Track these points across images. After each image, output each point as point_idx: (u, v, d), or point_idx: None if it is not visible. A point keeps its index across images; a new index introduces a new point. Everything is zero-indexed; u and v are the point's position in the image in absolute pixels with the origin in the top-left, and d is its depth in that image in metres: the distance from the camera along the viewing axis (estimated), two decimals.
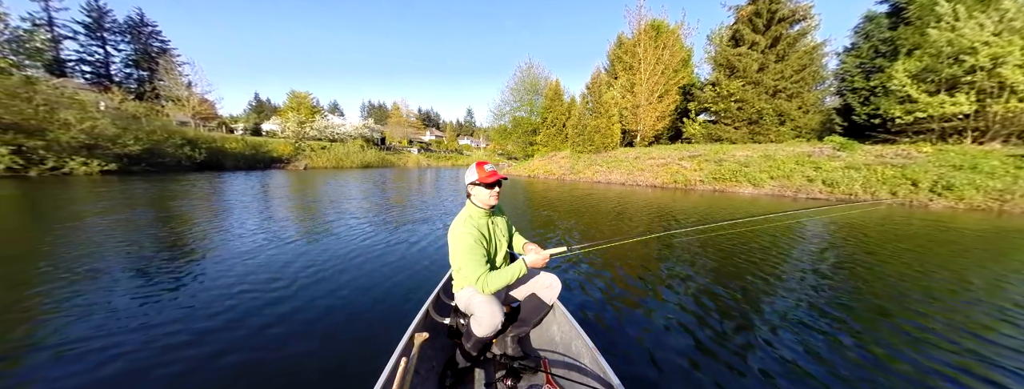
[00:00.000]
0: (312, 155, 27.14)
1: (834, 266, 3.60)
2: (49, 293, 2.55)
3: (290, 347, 1.86)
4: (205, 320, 2.14)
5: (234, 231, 4.65)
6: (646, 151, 17.11)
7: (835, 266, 3.60)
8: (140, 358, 1.76)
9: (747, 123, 17.25)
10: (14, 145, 12.04)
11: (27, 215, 5.76)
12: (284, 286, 2.73)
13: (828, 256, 3.99)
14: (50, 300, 2.42)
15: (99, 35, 32.17)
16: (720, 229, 4.86)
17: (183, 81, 30.00)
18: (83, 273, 2.93)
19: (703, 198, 9.87)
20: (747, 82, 16.68)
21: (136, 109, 19.54)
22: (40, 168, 12.56)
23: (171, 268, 3.15)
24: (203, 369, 1.66)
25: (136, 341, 1.91)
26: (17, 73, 13.76)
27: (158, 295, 2.56)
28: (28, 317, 2.17)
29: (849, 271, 3.40)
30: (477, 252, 1.36)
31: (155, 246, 3.86)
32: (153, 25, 34.55)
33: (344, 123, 39.00)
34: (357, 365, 1.69)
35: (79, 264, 3.16)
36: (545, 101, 25.73)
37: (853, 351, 1.92)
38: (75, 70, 31.11)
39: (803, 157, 11.87)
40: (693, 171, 13.34)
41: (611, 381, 1.14)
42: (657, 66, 19.37)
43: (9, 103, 12.49)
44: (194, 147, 19.09)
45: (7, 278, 2.85)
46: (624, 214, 6.95)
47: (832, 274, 3.33)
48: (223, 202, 7.52)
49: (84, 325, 2.07)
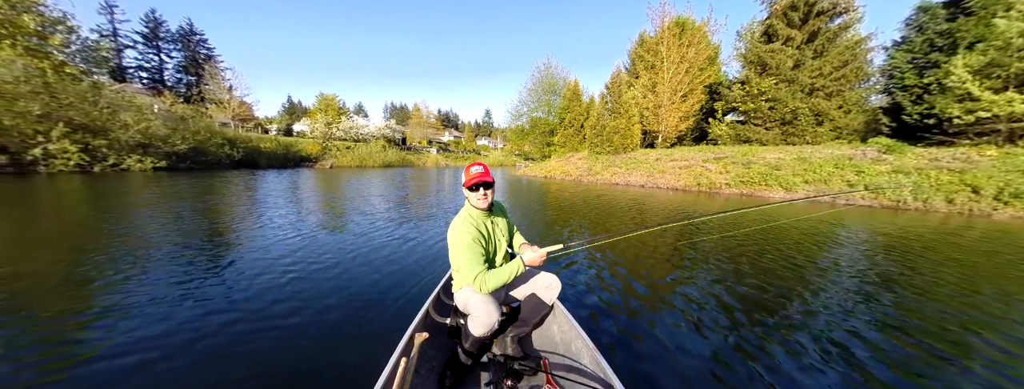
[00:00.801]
0: (338, 154, 28.39)
1: (850, 269, 3.33)
2: (114, 268, 2.96)
3: (289, 346, 1.85)
4: (208, 319, 2.14)
5: (250, 228, 4.91)
6: (668, 153, 16.52)
7: (851, 269, 3.33)
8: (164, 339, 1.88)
9: (780, 123, 16.24)
10: (82, 143, 13.46)
11: (95, 205, 6.43)
12: (288, 284, 2.79)
13: (845, 258, 3.70)
14: (113, 276, 2.77)
15: (155, 44, 35.39)
16: (701, 223, 4.74)
17: (225, 85, 32.37)
18: (141, 255, 3.31)
19: (729, 202, 9.38)
20: (780, 80, 15.71)
21: (184, 111, 21.31)
22: (103, 164, 13.93)
23: (199, 256, 3.38)
24: (201, 369, 1.65)
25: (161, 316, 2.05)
26: (86, 79, 15.40)
27: (186, 281, 2.74)
28: (93, 285, 2.49)
29: (892, 282, 3.08)
30: (474, 251, 1.36)
31: (194, 234, 4.18)
32: (201, 33, 37.57)
33: (368, 124, 40.54)
34: (357, 365, 1.68)
35: (137, 246, 3.61)
36: (563, 101, 25.50)
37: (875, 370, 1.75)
38: (134, 76, 34.36)
39: (843, 160, 11.00)
40: (718, 174, 12.72)
41: (611, 381, 1.14)
42: (681, 64, 18.68)
43: (79, 106, 13.98)
44: (233, 146, 20.51)
45: (84, 255, 3.30)
46: (642, 217, 6.73)
47: (847, 279, 3.06)
48: (255, 198, 8.01)
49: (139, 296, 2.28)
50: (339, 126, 33.31)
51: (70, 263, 3.15)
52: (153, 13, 34.93)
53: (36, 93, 12.85)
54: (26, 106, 12.34)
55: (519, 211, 7.26)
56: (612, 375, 1.16)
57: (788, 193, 10.56)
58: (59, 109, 13.30)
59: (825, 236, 5.07)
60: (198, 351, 1.80)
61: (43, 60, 14.00)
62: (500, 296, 1.60)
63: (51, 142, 12.65)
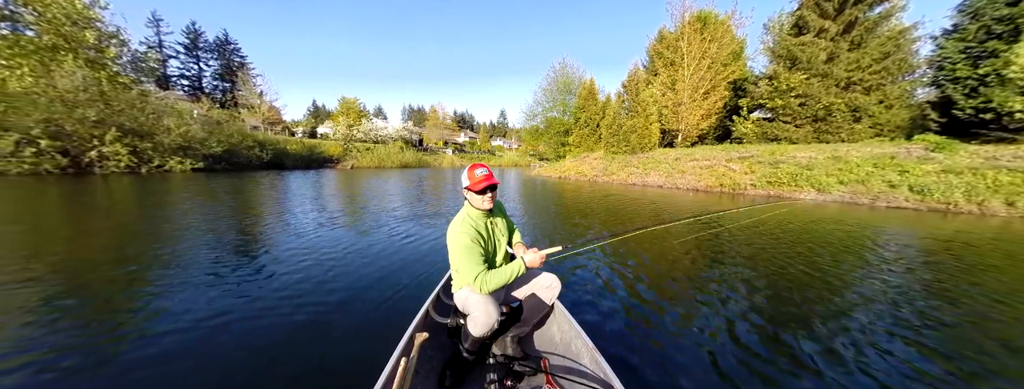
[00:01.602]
0: (358, 156, 29.41)
1: (886, 278, 3.03)
2: (156, 258, 3.26)
3: (289, 345, 1.86)
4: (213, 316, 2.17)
5: (273, 227, 5.17)
6: (688, 152, 15.94)
7: (887, 278, 3.02)
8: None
9: (811, 120, 15.28)
10: (131, 146, 14.68)
11: (143, 202, 7.05)
12: (295, 282, 2.85)
13: (880, 266, 3.38)
14: (154, 266, 3.07)
15: (195, 54, 38.05)
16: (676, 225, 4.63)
17: (256, 90, 34.31)
18: (178, 248, 3.63)
19: (754, 204, 8.92)
20: (812, 75, 14.79)
21: (219, 116, 22.74)
22: (148, 166, 15.12)
23: (227, 251, 3.58)
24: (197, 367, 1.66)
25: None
26: (135, 88, 16.80)
27: (215, 274, 2.90)
28: (148, 269, 2.81)
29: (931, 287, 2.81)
30: (474, 252, 1.36)
31: (225, 230, 4.46)
32: (234, 43, 40.03)
33: (387, 126, 41.76)
34: (357, 365, 1.68)
35: (176, 240, 4.00)
36: (578, 101, 25.17)
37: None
38: (177, 83, 37.10)
39: (884, 159, 10.20)
40: (743, 174, 12.14)
41: (611, 381, 1.14)
42: (703, 60, 17.99)
43: (129, 112, 15.26)
44: (263, 148, 21.68)
45: (132, 247, 3.63)
46: (660, 219, 6.52)
47: (878, 288, 2.79)
48: (281, 198, 8.43)
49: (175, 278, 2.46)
50: (360, 128, 34.52)
51: (118, 252, 3.45)
52: (194, 25, 37.60)
53: (93, 101, 14.14)
54: (84, 113, 13.61)
55: (532, 211, 7.22)
56: (612, 375, 1.16)
57: (821, 194, 9.91)
58: (112, 115, 14.56)
59: (860, 241, 4.72)
60: (202, 346, 1.83)
61: (99, 71, 15.40)
62: (500, 296, 1.59)
63: (105, 145, 13.87)
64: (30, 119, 12.27)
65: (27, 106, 12.42)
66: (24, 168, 11.84)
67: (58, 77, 13.41)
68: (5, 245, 3.64)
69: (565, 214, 6.94)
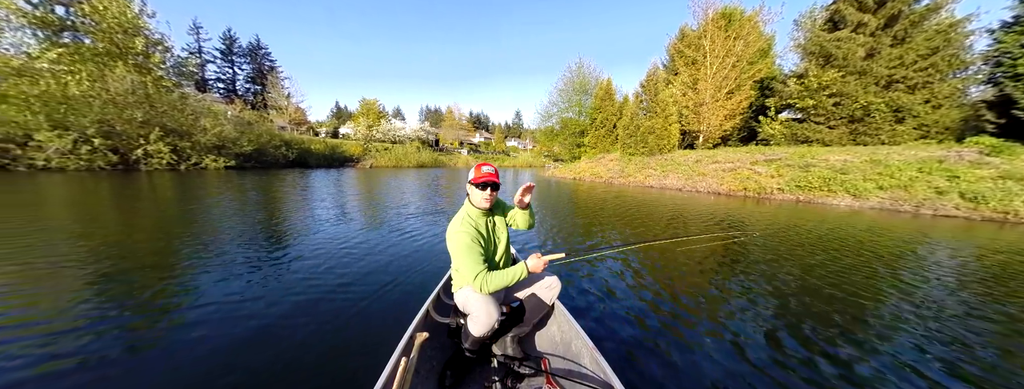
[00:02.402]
0: (377, 155, 30.24)
1: (928, 295, 2.72)
2: (193, 248, 3.52)
3: (290, 344, 1.85)
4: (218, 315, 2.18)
5: (298, 222, 5.37)
6: (710, 154, 15.33)
7: (929, 294, 2.71)
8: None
9: (847, 121, 14.34)
10: (172, 145, 15.77)
11: (183, 195, 7.56)
12: (313, 272, 2.94)
13: (922, 281, 3.05)
14: (193, 254, 3.29)
15: (230, 58, 40.43)
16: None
17: (284, 93, 36.05)
18: (211, 239, 3.87)
19: (781, 209, 8.43)
20: (848, 72, 13.88)
21: (250, 117, 24.03)
22: (186, 163, 16.17)
23: (256, 244, 3.73)
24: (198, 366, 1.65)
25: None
26: (177, 90, 18.05)
27: (245, 264, 3.03)
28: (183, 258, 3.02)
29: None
30: (474, 251, 1.36)
31: (254, 224, 4.70)
32: (265, 47, 42.23)
33: (404, 126, 42.80)
34: (357, 365, 1.66)
35: (212, 229, 4.34)
36: (595, 101, 24.77)
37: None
38: (213, 87, 39.57)
39: (931, 163, 9.40)
40: (769, 177, 11.53)
41: (611, 381, 1.13)
42: (727, 59, 17.27)
43: (170, 113, 16.40)
44: (289, 148, 22.70)
45: (174, 236, 3.94)
46: (678, 221, 6.28)
47: (917, 306, 2.51)
48: (305, 195, 8.76)
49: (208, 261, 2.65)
50: (379, 129, 35.54)
51: (163, 241, 3.75)
52: (229, 31, 40.00)
53: (140, 103, 15.29)
54: (132, 114, 14.73)
55: (543, 212, 7.15)
56: (612, 375, 1.15)
57: (857, 200, 9.25)
58: (156, 116, 15.69)
59: (901, 251, 4.35)
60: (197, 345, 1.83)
61: (146, 75, 16.63)
62: (500, 296, 1.59)
63: (149, 144, 14.95)
64: (86, 120, 13.41)
65: (84, 108, 13.58)
66: (80, 164, 12.94)
67: (111, 81, 14.60)
68: (65, 232, 4.04)
69: (578, 216, 6.81)
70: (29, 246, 3.41)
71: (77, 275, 2.75)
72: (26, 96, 12.59)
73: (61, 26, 15.36)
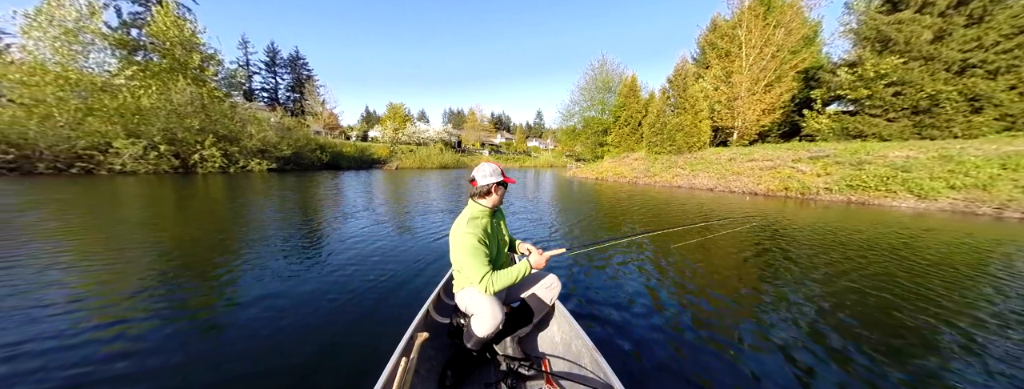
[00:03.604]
0: (402, 157, 31.41)
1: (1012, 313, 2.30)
2: (240, 241, 3.91)
3: (292, 343, 1.86)
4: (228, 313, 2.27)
5: (331, 219, 5.68)
6: (745, 151, 14.30)
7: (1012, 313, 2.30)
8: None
9: (909, 112, 12.80)
10: (223, 150, 17.37)
11: (233, 194, 8.35)
12: (340, 267, 3.06)
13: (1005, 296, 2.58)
14: (243, 247, 3.65)
15: (273, 69, 43.87)
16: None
17: (320, 99, 38.49)
18: (256, 233, 4.32)
19: (829, 210, 7.66)
20: (911, 58, 12.37)
21: (289, 122, 25.88)
22: (235, 166, 17.72)
23: (297, 241, 4.01)
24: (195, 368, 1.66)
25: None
26: (227, 100, 19.88)
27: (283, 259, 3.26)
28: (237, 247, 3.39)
29: None
30: (481, 252, 1.36)
31: (292, 222, 5.10)
32: (303, 58, 45.37)
33: (428, 129, 44.05)
34: (356, 365, 1.66)
35: (258, 225, 4.89)
36: (619, 99, 24.02)
37: None
38: (259, 96, 43.11)
39: (1018, 158, 8.13)
40: (815, 176, 10.54)
41: (611, 381, 1.13)
42: (765, 49, 16.04)
43: (222, 121, 18.07)
44: (323, 151, 24.17)
45: (226, 231, 4.40)
46: (707, 226, 5.89)
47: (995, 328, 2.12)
48: (338, 195, 9.29)
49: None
50: (404, 131, 36.90)
51: (215, 233, 4.25)
52: (272, 44, 43.44)
53: (197, 112, 16.99)
54: (191, 122, 16.44)
55: (563, 214, 7.02)
56: (612, 376, 1.14)
57: (922, 201, 8.20)
58: (210, 124, 17.36)
59: (977, 259, 3.77)
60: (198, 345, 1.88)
61: (202, 87, 18.47)
62: (502, 296, 1.59)
63: (204, 149, 16.57)
64: (153, 128, 15.12)
65: (152, 118, 15.33)
66: (149, 168, 14.61)
67: (174, 93, 16.37)
68: (138, 225, 4.66)
69: (600, 217, 6.62)
70: (111, 237, 3.98)
71: (146, 261, 3.19)
72: (107, 109, 14.44)
73: (135, 46, 17.47)
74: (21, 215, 5.17)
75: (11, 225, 4.43)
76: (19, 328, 1.95)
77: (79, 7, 14.80)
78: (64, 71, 13.98)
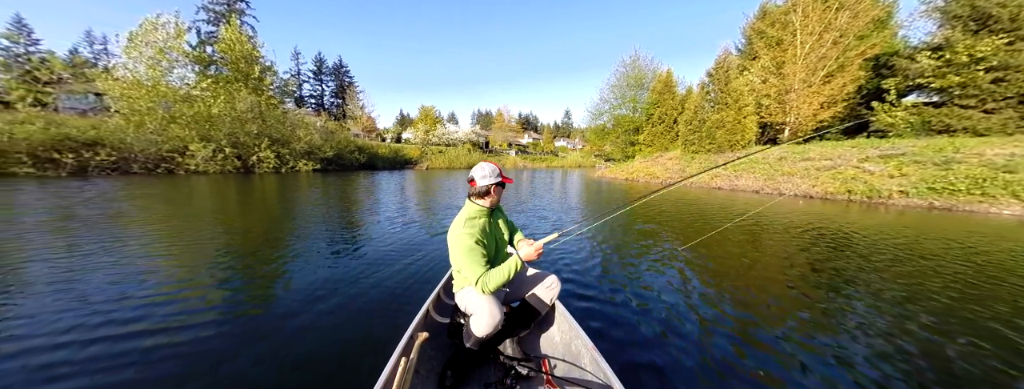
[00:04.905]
0: (432, 158, 32.59)
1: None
2: (290, 233, 4.44)
3: (294, 342, 1.87)
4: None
5: (364, 215, 6.12)
6: (799, 150, 12.88)
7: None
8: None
9: (1016, 103, 10.72)
10: (276, 152, 19.25)
11: (284, 189, 9.34)
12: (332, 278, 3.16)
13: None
14: (289, 241, 4.07)
15: (320, 77, 47.78)
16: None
17: (359, 104, 41.18)
18: (303, 226, 4.89)
19: (904, 216, 6.60)
20: (1019, 37, 10.34)
21: (332, 126, 28.01)
22: (286, 167, 19.55)
23: (337, 236, 4.35)
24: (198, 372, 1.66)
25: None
26: (280, 107, 22.00)
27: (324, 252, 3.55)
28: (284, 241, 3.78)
29: None
30: (477, 253, 1.36)
31: (332, 216, 5.60)
32: (346, 66, 48.89)
33: (457, 130, 45.33)
34: (356, 365, 1.65)
35: (306, 218, 5.54)
36: (652, 95, 22.85)
37: None
38: (307, 102, 47.17)
39: None
40: (887, 177, 9.20)
41: (611, 382, 1.13)
42: (825, 35, 14.35)
43: (276, 126, 20.03)
44: (361, 152, 25.81)
45: (279, 223, 5.03)
46: (754, 227, 5.36)
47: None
48: (372, 193, 9.95)
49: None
50: (434, 133, 38.24)
51: (269, 225, 4.86)
52: (319, 54, 47.41)
53: (255, 118, 19.01)
54: (250, 127, 18.43)
55: (586, 216, 6.80)
56: (612, 376, 1.14)
57: None
58: (266, 129, 19.30)
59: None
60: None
61: (260, 95, 20.61)
62: (501, 296, 1.58)
63: (261, 151, 18.47)
64: (221, 133, 17.16)
65: (220, 124, 17.40)
66: (216, 168, 16.60)
67: (237, 102, 18.43)
68: (208, 218, 5.35)
69: (630, 222, 6.32)
70: (189, 226, 4.67)
71: (213, 246, 3.72)
72: (186, 117, 16.63)
73: (209, 62, 19.95)
74: (126, 206, 6.28)
75: (124, 214, 5.43)
76: (113, 289, 2.46)
77: (168, 29, 17.23)
78: (155, 85, 16.34)
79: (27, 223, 4.52)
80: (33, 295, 2.37)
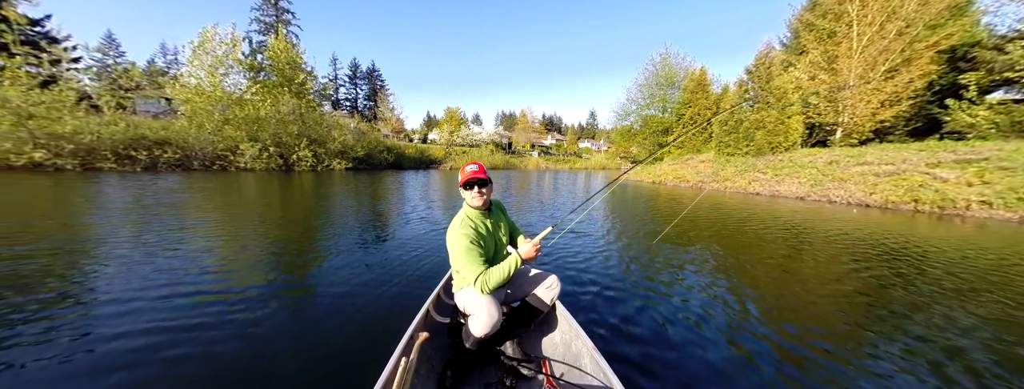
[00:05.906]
0: (456, 158, 33.29)
1: None
2: (326, 224, 4.96)
3: (286, 341, 1.87)
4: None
5: (394, 214, 6.48)
6: (853, 153, 11.62)
7: None
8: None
9: None
10: (313, 151, 20.59)
11: (319, 184, 10.13)
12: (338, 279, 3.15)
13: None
14: (323, 234, 4.39)
15: (354, 82, 50.59)
16: None
17: (389, 106, 43.06)
18: (342, 219, 5.40)
19: (985, 231, 5.69)
20: None
21: (363, 127, 29.52)
22: (321, 165, 20.87)
23: (367, 228, 4.59)
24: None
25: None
26: (318, 109, 23.52)
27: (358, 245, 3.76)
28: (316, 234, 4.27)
29: None
30: (474, 253, 1.36)
31: (365, 209, 6.02)
32: (378, 70, 51.37)
33: (481, 131, 45.99)
34: (356, 365, 1.64)
35: (339, 213, 6.01)
36: (684, 94, 21.75)
37: None
38: (343, 105, 50.10)
39: None
40: (964, 185, 8.04)
41: (611, 382, 1.13)
42: (888, 25, 12.85)
43: (314, 127, 21.47)
44: (389, 152, 27.01)
45: (315, 216, 5.55)
46: (800, 240, 4.86)
47: None
48: (401, 191, 10.38)
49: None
50: (459, 134, 39.05)
51: (307, 219, 5.29)
52: (354, 60, 50.24)
53: (296, 120, 20.48)
54: (291, 128, 19.88)
55: (609, 222, 6.56)
56: (612, 376, 1.14)
57: None
58: (306, 130, 20.73)
59: None
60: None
61: (301, 99, 22.18)
62: (501, 296, 1.58)
63: (300, 151, 19.86)
64: (266, 134, 18.67)
65: (266, 125, 18.93)
66: (262, 166, 18.07)
67: (281, 105, 19.95)
68: (256, 212, 5.84)
69: (639, 225, 6.00)
70: (241, 216, 5.30)
71: (258, 234, 4.15)
72: (238, 119, 18.28)
73: (260, 68, 21.81)
74: (190, 198, 7.09)
75: (186, 204, 6.23)
76: (171, 274, 2.77)
77: (226, 40, 19.07)
78: (214, 90, 18.12)
79: (117, 208, 5.55)
80: (125, 264, 2.93)
